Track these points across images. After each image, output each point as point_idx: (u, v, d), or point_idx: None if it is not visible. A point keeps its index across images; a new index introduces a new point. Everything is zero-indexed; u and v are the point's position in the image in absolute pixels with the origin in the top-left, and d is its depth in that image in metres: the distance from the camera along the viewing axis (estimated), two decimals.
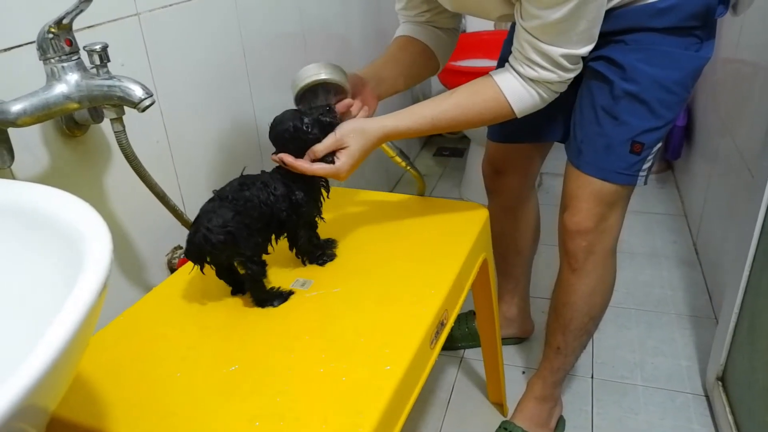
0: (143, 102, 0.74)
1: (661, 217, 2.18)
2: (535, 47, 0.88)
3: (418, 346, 0.75)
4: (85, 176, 0.89)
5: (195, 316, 0.85)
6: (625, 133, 1.02)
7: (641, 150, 1.03)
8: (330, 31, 1.71)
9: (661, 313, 1.70)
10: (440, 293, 0.86)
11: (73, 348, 0.38)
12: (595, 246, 1.12)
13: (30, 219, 0.51)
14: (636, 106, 1.00)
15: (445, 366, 1.56)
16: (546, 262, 1.81)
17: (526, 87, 0.92)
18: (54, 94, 0.73)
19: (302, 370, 0.73)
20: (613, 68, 1.01)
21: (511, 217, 1.40)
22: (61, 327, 0.37)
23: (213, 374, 0.73)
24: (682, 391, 1.43)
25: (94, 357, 0.77)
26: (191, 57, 1.09)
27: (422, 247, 0.98)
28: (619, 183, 1.06)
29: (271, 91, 1.37)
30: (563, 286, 1.19)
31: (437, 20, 1.11)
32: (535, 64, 0.90)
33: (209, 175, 1.17)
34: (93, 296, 0.40)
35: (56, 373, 0.36)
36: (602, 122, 1.04)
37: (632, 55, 0.99)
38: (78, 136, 0.86)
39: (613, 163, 1.05)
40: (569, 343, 1.24)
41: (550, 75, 0.90)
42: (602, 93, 1.03)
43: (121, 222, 0.97)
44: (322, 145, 0.88)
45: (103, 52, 0.76)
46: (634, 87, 0.99)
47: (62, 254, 0.47)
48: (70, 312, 0.38)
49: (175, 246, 1.09)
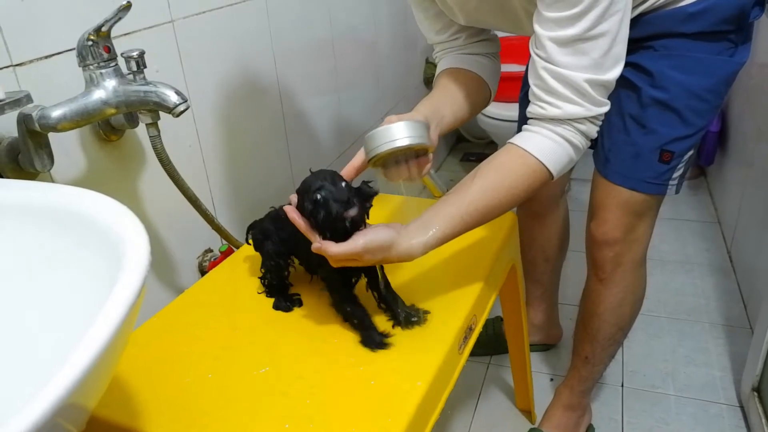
0: (178, 107, 0.75)
1: (694, 224, 2.14)
2: (556, 75, 0.78)
3: (446, 350, 0.75)
4: (120, 179, 0.91)
5: (226, 317, 0.87)
6: (654, 142, 1.00)
7: (671, 159, 1.01)
8: (358, 37, 1.72)
9: (693, 321, 1.67)
10: (468, 299, 0.85)
11: (113, 347, 0.38)
12: (623, 257, 1.10)
13: (71, 221, 0.52)
14: (665, 114, 0.98)
15: (473, 372, 1.55)
16: (574, 268, 1.78)
17: (553, 138, 0.81)
18: (93, 99, 0.74)
19: (331, 373, 0.73)
20: (641, 75, 0.98)
21: (539, 223, 1.39)
22: (103, 326, 0.38)
23: (244, 376, 0.74)
24: (716, 401, 1.40)
25: (129, 357, 0.78)
26: (223, 63, 1.11)
27: (450, 252, 0.97)
28: (648, 193, 1.04)
29: (300, 96, 1.38)
30: (591, 296, 1.18)
31: (474, 47, 1.04)
32: (557, 96, 0.79)
33: (240, 180, 1.19)
34: (133, 296, 0.41)
35: (97, 372, 0.37)
36: (630, 130, 1.02)
37: (661, 62, 0.96)
38: (114, 140, 0.88)
39: (641, 172, 1.03)
40: (597, 353, 1.22)
41: (577, 109, 0.79)
42: (630, 100, 1.01)
43: (154, 224, 0.98)
44: (337, 249, 0.73)
45: (140, 58, 0.78)
46: (663, 94, 0.97)
47: (102, 256, 0.48)
48: (112, 311, 0.39)
49: (205, 249, 1.11)
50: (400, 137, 0.76)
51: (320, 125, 1.51)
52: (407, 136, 0.76)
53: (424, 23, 1.05)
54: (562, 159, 0.82)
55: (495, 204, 0.81)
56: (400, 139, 0.76)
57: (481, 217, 0.81)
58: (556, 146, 0.82)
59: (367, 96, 1.82)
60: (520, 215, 1.41)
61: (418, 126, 0.78)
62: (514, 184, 0.81)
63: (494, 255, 0.96)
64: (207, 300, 0.92)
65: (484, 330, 1.58)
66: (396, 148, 0.76)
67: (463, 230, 0.80)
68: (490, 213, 0.81)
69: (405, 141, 0.76)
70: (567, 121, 0.81)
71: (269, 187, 1.28)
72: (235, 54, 1.14)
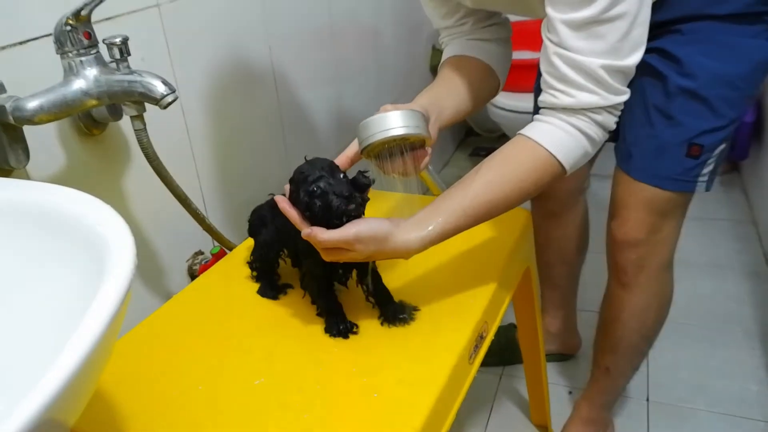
0: (165, 98, 0.75)
1: (725, 223, 2.13)
2: (569, 61, 0.77)
3: (455, 360, 0.75)
4: (103, 177, 0.92)
5: (218, 325, 0.87)
6: (681, 135, 1.00)
7: (700, 153, 1.00)
8: (360, 24, 1.72)
9: (725, 329, 1.66)
10: (479, 304, 0.85)
11: (95, 359, 0.38)
12: (647, 260, 1.10)
13: (50, 222, 0.52)
14: (693, 105, 0.97)
15: (484, 383, 1.55)
16: (594, 271, 1.78)
17: (566, 129, 0.80)
18: (72, 89, 0.75)
19: (331, 384, 0.73)
20: (667, 62, 0.98)
21: (556, 223, 1.39)
22: (84, 337, 0.38)
23: (237, 388, 0.74)
24: (751, 417, 1.40)
25: (112, 368, 0.78)
26: (214, 50, 1.11)
27: (459, 254, 0.97)
28: (674, 190, 1.03)
29: (297, 87, 1.38)
30: (612, 302, 1.18)
31: (482, 32, 1.03)
32: (571, 83, 0.78)
33: (232, 177, 1.19)
34: (117, 303, 0.41)
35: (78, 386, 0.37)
36: (655, 122, 1.01)
37: (689, 47, 0.96)
38: (96, 134, 0.89)
39: (666, 168, 1.02)
40: (619, 364, 1.22)
41: (592, 98, 0.78)
42: (655, 90, 1.00)
43: (141, 225, 0.99)
44: (328, 236, 0.73)
45: (124, 45, 0.78)
46: (691, 83, 0.96)
47: (84, 259, 0.48)
48: (94, 320, 0.39)
49: (196, 251, 1.11)
50: (396, 126, 0.76)
51: (319, 118, 1.51)
52: (403, 126, 0.76)
53: (428, 6, 1.05)
54: (575, 151, 0.81)
55: (501, 198, 0.80)
56: (396, 129, 0.76)
57: (486, 213, 0.80)
58: (569, 138, 0.80)
59: (368, 86, 1.82)
60: (536, 214, 1.41)
61: (415, 116, 0.77)
62: (521, 177, 0.80)
63: (507, 257, 0.96)
64: (197, 306, 0.92)
65: (496, 338, 1.56)
66: (391, 137, 0.76)
67: (466, 226, 0.79)
68: (495, 208, 0.80)
69: (401, 130, 0.76)
70: (581, 110, 0.80)
71: (264, 185, 1.28)
72: (227, 41, 1.14)
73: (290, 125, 1.37)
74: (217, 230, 1.03)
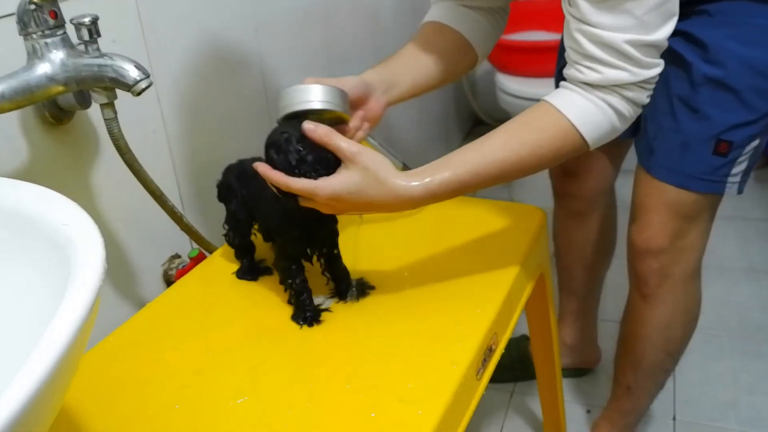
0: (139, 84, 0.75)
1: (762, 223, 2.14)
2: (592, 37, 0.78)
3: (461, 376, 0.75)
4: (69, 171, 0.92)
5: (196, 336, 0.87)
6: (707, 130, 0.99)
7: (728, 150, 0.99)
8: (356, 4, 1.72)
9: (761, 341, 1.67)
10: (488, 313, 0.85)
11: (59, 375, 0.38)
12: (671, 269, 1.10)
13: (11, 220, 0.52)
14: (721, 96, 0.97)
15: (494, 401, 1.55)
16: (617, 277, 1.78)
17: (593, 100, 0.81)
18: (36, 75, 0.75)
19: (323, 402, 0.73)
20: (693, 47, 0.97)
21: (579, 223, 1.39)
22: (45, 352, 0.37)
23: (218, 407, 0.74)
24: None
25: (80, 384, 0.78)
26: (193, 32, 1.11)
27: (466, 258, 0.97)
28: (700, 191, 1.03)
29: (286, 73, 1.38)
30: (633, 316, 1.18)
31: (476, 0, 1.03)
32: (596, 60, 0.79)
33: (213, 172, 1.19)
34: (83, 313, 0.40)
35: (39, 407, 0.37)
36: (678, 115, 1.01)
37: (717, 30, 0.95)
38: (62, 124, 0.88)
39: (691, 166, 1.02)
40: (642, 382, 1.22)
41: (619, 74, 0.79)
42: (678, 79, 1.00)
43: (111, 225, 0.99)
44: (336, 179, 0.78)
45: (93, 25, 0.78)
46: (720, 71, 0.96)
47: (48, 261, 0.48)
48: (56, 334, 0.38)
49: (172, 255, 1.11)
50: (316, 100, 0.82)
51: None
52: (323, 101, 0.82)
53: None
54: (601, 126, 0.82)
55: (515, 161, 0.81)
56: (315, 102, 0.82)
57: (498, 173, 0.81)
58: (597, 111, 0.81)
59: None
60: (557, 213, 1.41)
61: (336, 93, 0.84)
62: (539, 143, 0.82)
63: (520, 261, 0.96)
64: (174, 315, 0.92)
65: (506, 351, 1.57)
66: (309, 109, 0.82)
67: (474, 184, 0.81)
68: (508, 170, 0.82)
69: (319, 105, 0.82)
70: (610, 87, 0.80)
71: None
72: (208, 22, 1.14)
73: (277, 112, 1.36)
74: (196, 230, 1.03)
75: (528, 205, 1.11)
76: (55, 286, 0.44)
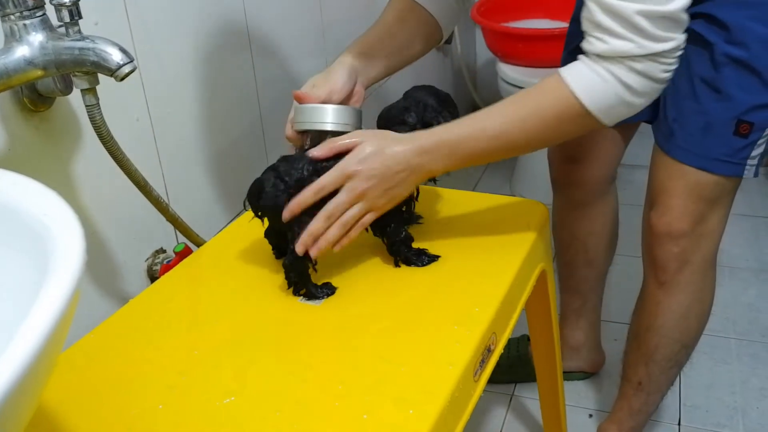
0: (122, 69, 0.75)
1: None
2: (603, 5, 0.80)
3: (458, 377, 0.75)
4: (49, 160, 0.91)
5: (182, 335, 0.87)
6: (730, 110, 1.01)
7: (749, 132, 1.01)
8: None
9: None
10: (487, 312, 0.85)
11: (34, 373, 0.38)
12: (691, 254, 1.11)
13: None
14: (744, 76, 0.99)
15: (492, 404, 1.56)
16: (620, 276, 1.79)
17: (597, 70, 0.83)
18: (14, 58, 0.74)
19: (315, 404, 0.73)
20: (715, 28, 0.99)
21: (582, 215, 1.39)
22: (19, 349, 0.37)
23: (204, 408, 0.74)
24: None
25: (58, 384, 0.78)
26: (179, 15, 1.10)
27: (464, 254, 0.97)
28: (722, 173, 1.05)
29: (278, 58, 1.38)
30: (648, 306, 1.18)
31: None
32: (604, 30, 0.81)
33: (200, 161, 1.19)
34: (60, 308, 0.40)
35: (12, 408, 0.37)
36: (700, 96, 1.02)
37: (740, 11, 0.97)
38: (41, 110, 0.88)
39: (713, 148, 1.03)
40: (654, 376, 1.23)
41: (625, 44, 0.81)
42: (700, 60, 1.01)
43: (92, 217, 0.98)
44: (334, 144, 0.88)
45: (74, 6, 0.78)
46: (742, 52, 0.98)
47: (25, 255, 0.48)
48: (31, 329, 0.38)
49: (157, 249, 1.11)
50: (331, 122, 0.94)
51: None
52: (339, 123, 0.95)
53: None
54: (606, 97, 0.84)
55: (517, 125, 0.87)
56: (331, 124, 0.94)
57: (500, 132, 0.87)
58: (601, 82, 0.83)
59: None
60: (557, 206, 1.41)
61: (352, 113, 0.96)
62: (540, 107, 0.87)
63: (520, 257, 0.96)
64: (158, 312, 0.91)
65: (505, 352, 1.57)
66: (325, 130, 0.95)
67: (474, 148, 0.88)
68: (509, 134, 0.88)
69: (336, 127, 0.94)
70: (617, 58, 0.82)
71: (237, 170, 1.28)
72: (195, 3, 1.14)
73: (268, 103, 1.36)
74: (182, 222, 1.03)
75: (529, 200, 1.11)
76: (33, 279, 0.44)
